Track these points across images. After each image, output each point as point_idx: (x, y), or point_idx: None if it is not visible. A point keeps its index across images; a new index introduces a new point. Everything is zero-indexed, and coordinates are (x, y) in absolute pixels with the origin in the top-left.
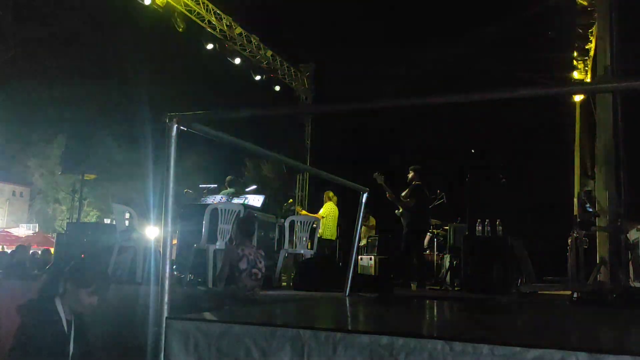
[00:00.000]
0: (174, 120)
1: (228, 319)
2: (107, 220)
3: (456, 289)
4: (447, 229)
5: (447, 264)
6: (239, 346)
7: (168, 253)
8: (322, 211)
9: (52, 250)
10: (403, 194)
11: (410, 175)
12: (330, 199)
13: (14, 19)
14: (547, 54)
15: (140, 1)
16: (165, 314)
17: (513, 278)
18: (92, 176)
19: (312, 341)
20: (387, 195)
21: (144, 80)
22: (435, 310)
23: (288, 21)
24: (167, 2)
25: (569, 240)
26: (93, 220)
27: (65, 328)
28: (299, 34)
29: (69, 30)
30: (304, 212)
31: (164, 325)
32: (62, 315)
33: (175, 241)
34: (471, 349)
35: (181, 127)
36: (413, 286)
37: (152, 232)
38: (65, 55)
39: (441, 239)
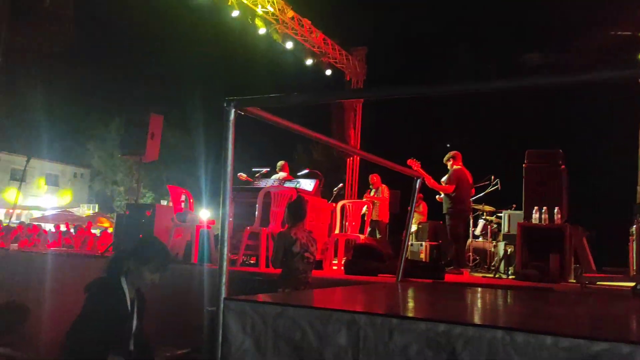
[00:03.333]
0: (232, 104)
1: (283, 301)
2: (163, 202)
3: (510, 277)
4: (501, 216)
5: (501, 251)
6: (294, 328)
7: (226, 236)
8: (379, 194)
9: (110, 229)
10: (443, 179)
11: (450, 161)
12: (380, 183)
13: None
14: (611, 33)
15: None
16: (223, 295)
17: (571, 268)
18: (152, 158)
19: (368, 326)
20: (426, 182)
21: (198, 66)
22: (490, 299)
23: (340, 3)
24: None
25: (632, 229)
26: (148, 201)
27: (129, 305)
28: (350, 17)
29: (126, 18)
30: (367, 196)
31: (221, 305)
32: (127, 292)
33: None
34: (533, 340)
35: (239, 112)
36: (465, 273)
37: (204, 214)
38: (121, 41)
39: (494, 226)
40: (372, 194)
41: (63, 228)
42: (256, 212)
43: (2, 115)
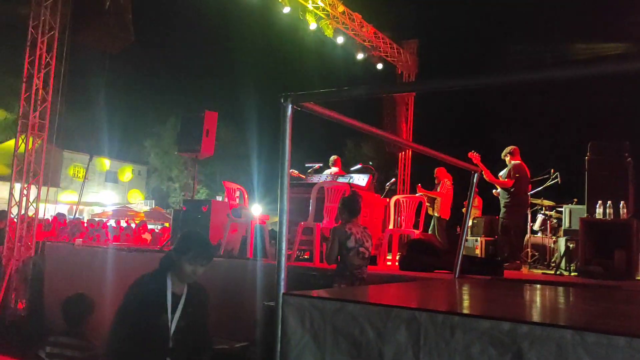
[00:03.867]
0: (289, 100)
1: (342, 297)
2: (218, 198)
3: (572, 274)
4: (561, 211)
5: (561, 247)
6: (353, 324)
7: (284, 231)
8: (440, 189)
9: (166, 224)
10: (501, 173)
11: (508, 156)
12: (445, 177)
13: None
14: None
15: None
16: (282, 290)
17: (638, 264)
18: (207, 155)
19: (429, 323)
20: (484, 176)
21: (250, 63)
22: (554, 296)
23: None
24: None
25: None
26: (203, 197)
27: (169, 300)
28: (401, 10)
29: (180, 18)
30: (423, 190)
31: (280, 300)
32: (169, 287)
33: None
34: (605, 341)
35: (295, 107)
36: (524, 269)
37: (256, 209)
38: (176, 41)
39: (554, 221)
40: (438, 189)
41: (123, 224)
42: (310, 208)
43: (66, 115)
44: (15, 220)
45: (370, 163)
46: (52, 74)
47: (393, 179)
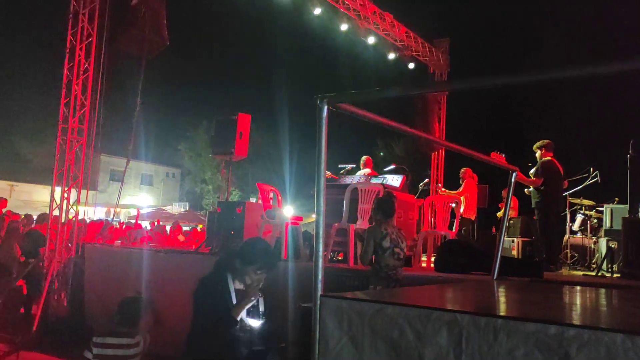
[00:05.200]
0: (324, 101)
1: (380, 299)
2: (253, 199)
3: (615, 275)
4: (601, 211)
5: (603, 248)
6: (392, 327)
7: (321, 233)
8: (462, 189)
9: (200, 226)
10: (532, 171)
11: (541, 150)
12: (470, 177)
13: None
14: None
15: None
16: (320, 292)
17: None
18: (241, 157)
19: (471, 326)
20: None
21: (281, 65)
22: (598, 298)
23: None
24: None
25: None
26: (235, 199)
27: (233, 297)
28: (433, 8)
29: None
30: (445, 191)
31: (318, 302)
32: (232, 290)
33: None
34: None
35: (330, 108)
36: (564, 271)
37: (288, 210)
38: (207, 44)
39: (594, 221)
40: (461, 188)
41: (157, 225)
42: (343, 209)
43: (103, 120)
44: (56, 222)
45: (404, 167)
46: (90, 80)
47: (426, 180)
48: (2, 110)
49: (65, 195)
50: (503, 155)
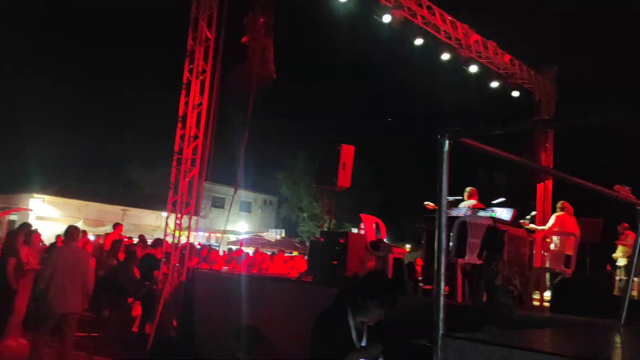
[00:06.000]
0: (446, 135)
1: (509, 343)
2: (354, 230)
3: None
4: None
5: None
6: None
7: (442, 270)
8: (552, 224)
9: (295, 253)
10: None
11: None
12: (561, 209)
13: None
14: None
15: (378, 19)
16: (441, 331)
17: None
18: (344, 187)
19: None
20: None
21: (379, 95)
22: None
23: (527, 22)
24: (405, 18)
25: None
26: (332, 228)
27: (355, 338)
28: (539, 35)
29: (311, 53)
30: (530, 225)
31: (439, 342)
32: (352, 325)
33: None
34: None
35: (451, 142)
36: None
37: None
38: (305, 76)
39: None
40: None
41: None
42: (451, 242)
43: (213, 151)
44: (169, 247)
45: (507, 198)
46: (203, 114)
47: (533, 212)
48: (119, 140)
49: (178, 221)
50: (629, 188)
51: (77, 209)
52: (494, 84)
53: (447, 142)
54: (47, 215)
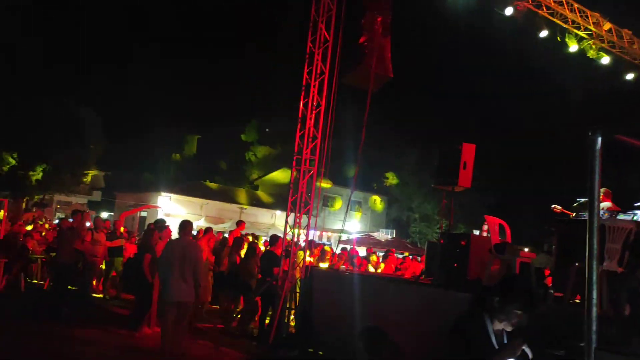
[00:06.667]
0: (598, 132)
1: None
2: (476, 231)
3: None
4: None
5: None
6: None
7: (594, 277)
8: None
9: (406, 254)
10: None
11: None
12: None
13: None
14: None
15: (500, 12)
16: (594, 344)
17: None
18: (464, 187)
19: None
20: None
21: (494, 91)
22: None
23: None
24: (528, 9)
25: None
26: (450, 230)
27: (495, 343)
28: None
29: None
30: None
31: (592, 356)
32: (491, 331)
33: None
34: None
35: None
36: None
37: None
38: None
39: None
40: None
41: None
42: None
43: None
44: (289, 245)
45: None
46: (322, 115)
47: None
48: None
49: (297, 220)
50: None
51: (199, 207)
52: (629, 76)
53: (599, 139)
54: (174, 212)
